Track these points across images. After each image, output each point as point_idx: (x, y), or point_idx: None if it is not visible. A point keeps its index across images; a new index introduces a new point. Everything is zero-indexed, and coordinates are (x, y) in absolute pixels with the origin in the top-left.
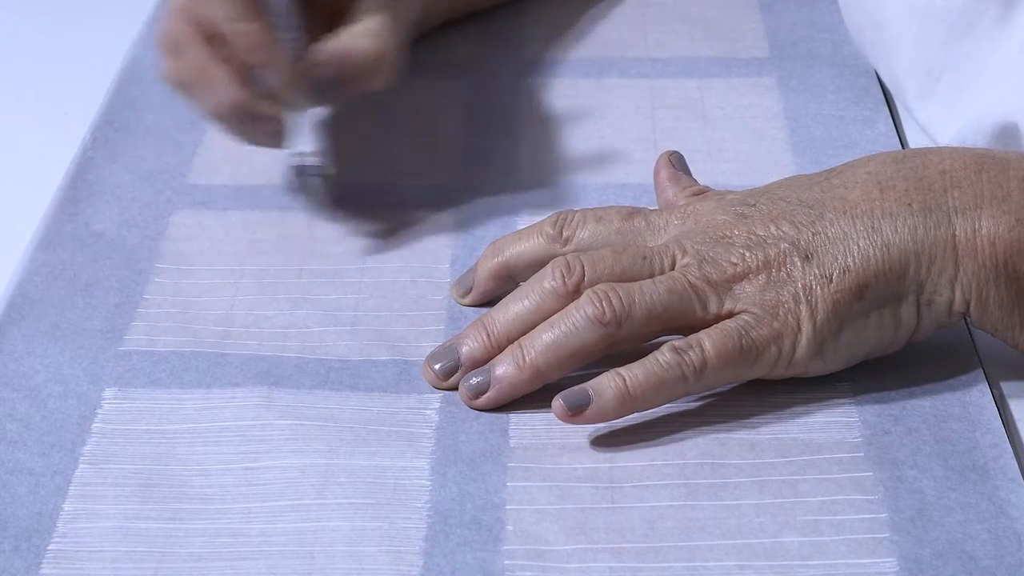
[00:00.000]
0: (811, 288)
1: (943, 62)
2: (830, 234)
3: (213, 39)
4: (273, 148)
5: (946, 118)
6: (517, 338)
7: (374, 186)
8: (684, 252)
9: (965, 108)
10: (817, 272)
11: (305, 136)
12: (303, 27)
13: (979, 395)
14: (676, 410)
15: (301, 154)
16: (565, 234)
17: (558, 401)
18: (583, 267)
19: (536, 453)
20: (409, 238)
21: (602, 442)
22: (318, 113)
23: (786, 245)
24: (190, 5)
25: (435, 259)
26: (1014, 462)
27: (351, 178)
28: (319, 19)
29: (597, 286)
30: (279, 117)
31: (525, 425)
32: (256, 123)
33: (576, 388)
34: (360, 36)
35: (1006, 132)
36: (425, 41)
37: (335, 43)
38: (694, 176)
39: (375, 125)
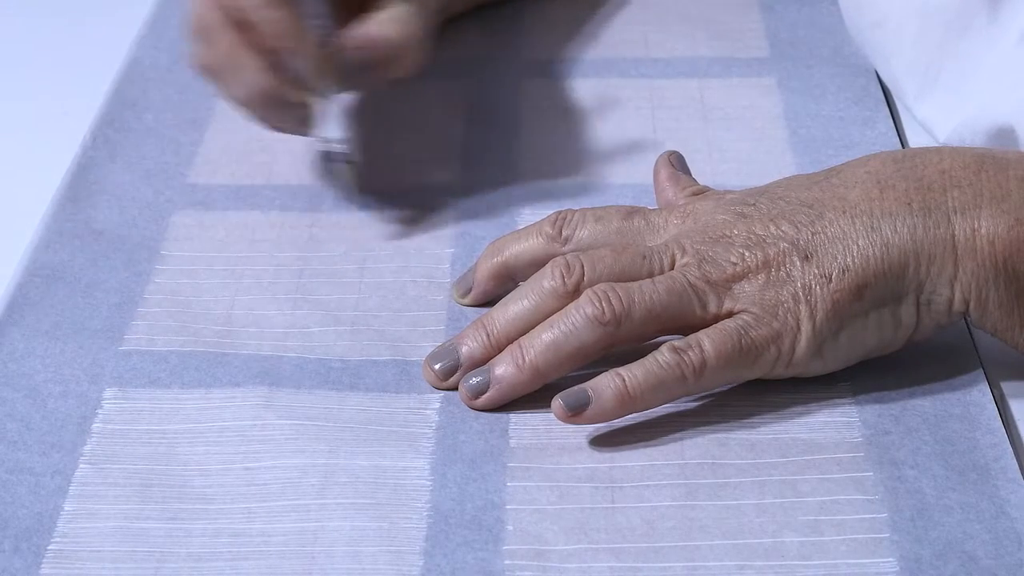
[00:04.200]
0: (810, 288)
1: (940, 61)
2: (829, 234)
3: (242, 25)
4: (299, 135)
5: (944, 117)
6: (517, 338)
7: (374, 186)
8: (683, 252)
9: (962, 106)
10: (816, 272)
11: (332, 123)
12: (331, 14)
13: (979, 395)
14: (676, 410)
15: (327, 140)
16: (564, 233)
17: (557, 401)
18: (583, 267)
19: (536, 453)
20: (409, 238)
21: (602, 442)
22: (345, 100)
23: (785, 245)
24: None
25: (435, 259)
26: (1014, 462)
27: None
28: (346, 5)
29: (596, 286)
30: (306, 104)
31: (525, 425)
32: (283, 110)
33: (575, 388)
34: (388, 23)
35: (1003, 130)
36: None
37: (363, 29)
38: (694, 176)
39: (376, 125)
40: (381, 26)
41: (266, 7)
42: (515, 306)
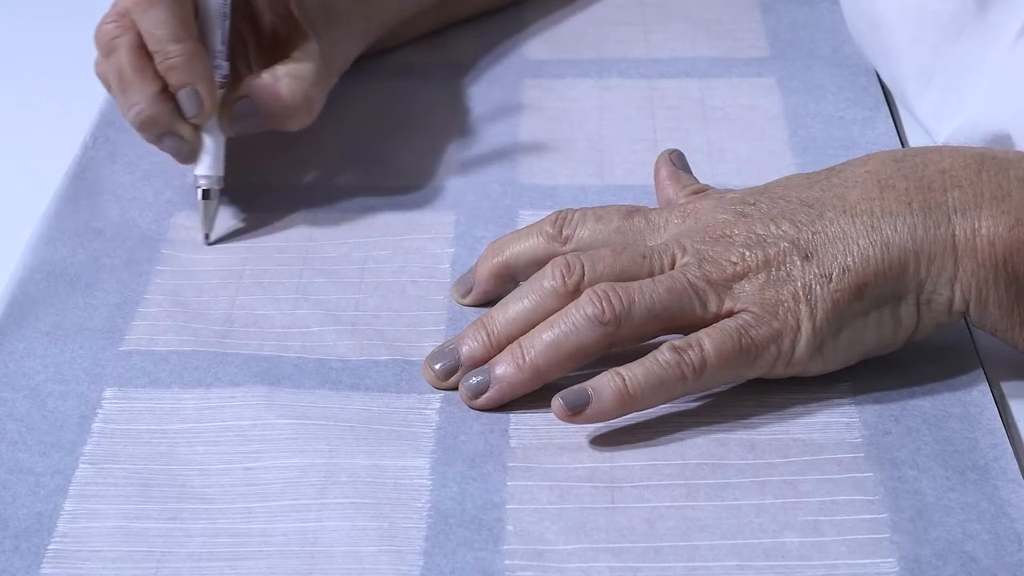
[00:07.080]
0: (811, 287)
1: (936, 64)
2: (830, 233)
3: (143, 50)
4: (179, 162)
5: (942, 119)
6: (517, 338)
7: (374, 186)
8: (684, 251)
9: (959, 110)
10: (817, 271)
11: (211, 158)
12: (240, 55)
13: (979, 395)
14: (676, 410)
15: (203, 176)
16: (565, 233)
17: (558, 400)
18: (583, 266)
19: (536, 453)
20: (409, 238)
21: (602, 442)
22: (226, 139)
23: (786, 244)
24: (130, 12)
25: (435, 259)
26: (1014, 462)
27: (352, 178)
28: (258, 49)
29: (597, 285)
30: (190, 137)
31: (525, 425)
32: (166, 138)
33: (575, 387)
34: (292, 78)
35: (1000, 135)
36: (425, 41)
37: (267, 79)
38: (694, 175)
39: (375, 125)
40: (278, 81)
41: (174, 41)
42: (515, 306)
